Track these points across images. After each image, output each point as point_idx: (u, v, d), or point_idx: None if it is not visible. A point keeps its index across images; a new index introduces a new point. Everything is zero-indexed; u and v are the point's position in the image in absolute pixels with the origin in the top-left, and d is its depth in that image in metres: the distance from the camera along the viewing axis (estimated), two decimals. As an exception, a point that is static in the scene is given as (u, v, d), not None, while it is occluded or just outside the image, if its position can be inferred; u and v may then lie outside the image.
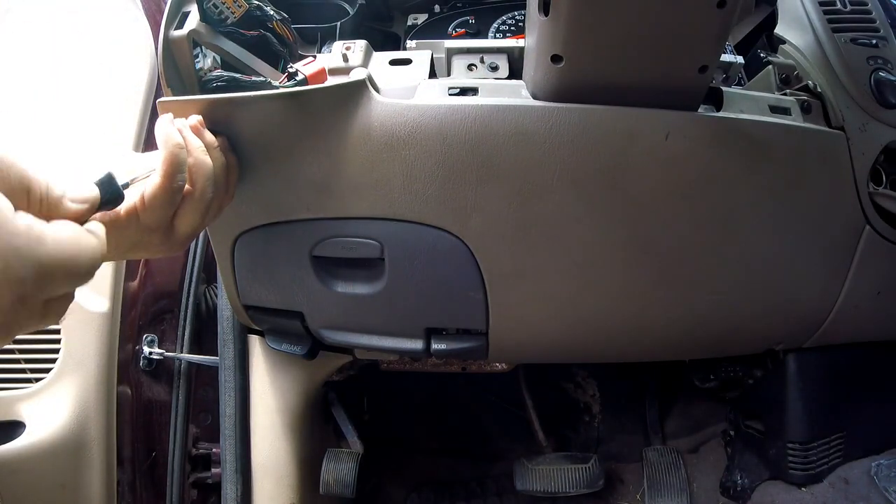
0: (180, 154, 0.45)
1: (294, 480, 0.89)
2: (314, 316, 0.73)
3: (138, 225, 0.45)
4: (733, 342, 0.84)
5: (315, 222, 0.65)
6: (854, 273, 0.76)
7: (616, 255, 0.67)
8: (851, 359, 0.93)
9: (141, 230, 0.46)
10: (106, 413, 0.80)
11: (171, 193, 0.45)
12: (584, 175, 0.61)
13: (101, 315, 0.80)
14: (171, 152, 0.45)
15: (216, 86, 0.59)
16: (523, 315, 0.71)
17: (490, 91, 0.62)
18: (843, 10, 0.76)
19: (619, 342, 0.78)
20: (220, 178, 0.51)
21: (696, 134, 0.62)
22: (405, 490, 1.20)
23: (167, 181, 0.45)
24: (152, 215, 0.45)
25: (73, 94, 0.85)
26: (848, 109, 0.71)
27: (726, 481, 1.08)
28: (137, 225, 0.45)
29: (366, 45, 0.66)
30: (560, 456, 1.06)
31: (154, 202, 0.45)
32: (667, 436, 1.23)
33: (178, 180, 0.45)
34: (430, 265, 0.66)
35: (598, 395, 1.30)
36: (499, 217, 0.63)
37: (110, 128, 0.84)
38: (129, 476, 0.84)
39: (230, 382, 0.84)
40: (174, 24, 0.59)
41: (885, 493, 0.90)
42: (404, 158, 0.59)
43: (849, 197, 0.71)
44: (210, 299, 0.96)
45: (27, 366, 0.78)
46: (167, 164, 0.45)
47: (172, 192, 0.45)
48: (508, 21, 0.81)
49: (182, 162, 0.45)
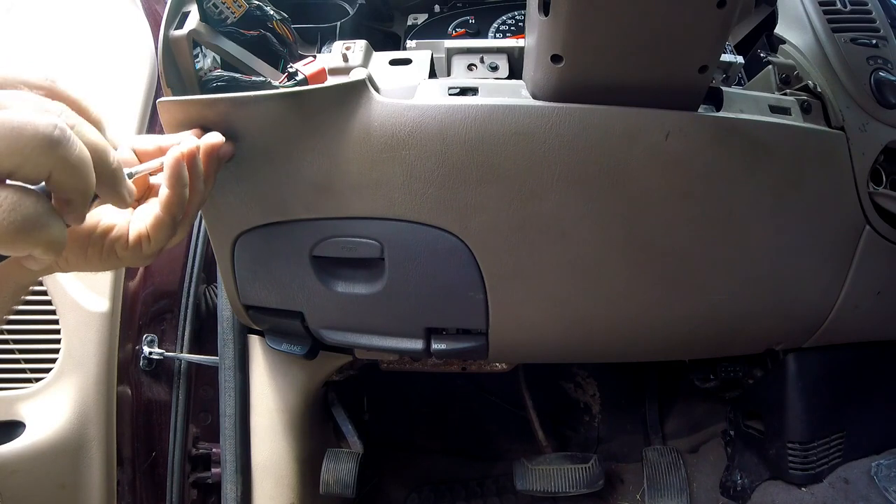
0: (184, 194, 0.46)
1: (294, 480, 0.89)
2: (314, 316, 0.73)
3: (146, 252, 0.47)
4: (733, 342, 0.84)
5: (315, 222, 0.65)
6: (854, 273, 0.76)
7: (616, 255, 0.67)
8: (851, 359, 0.93)
9: (145, 256, 0.47)
10: (106, 413, 0.80)
11: (173, 224, 0.46)
12: (584, 175, 0.61)
13: (101, 315, 0.80)
14: (179, 194, 0.45)
15: (216, 86, 0.59)
16: (523, 315, 0.71)
17: (490, 91, 0.62)
18: (843, 10, 0.76)
19: (619, 342, 0.78)
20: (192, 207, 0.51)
21: (696, 134, 0.62)
22: (405, 490, 1.20)
23: (168, 215, 0.46)
24: (156, 242, 0.46)
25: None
26: (848, 109, 0.71)
27: (726, 481, 1.08)
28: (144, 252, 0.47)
29: (366, 45, 0.66)
30: (560, 456, 1.06)
31: (157, 234, 0.46)
32: (667, 436, 1.23)
33: (179, 215, 0.46)
34: (430, 265, 0.66)
35: (598, 395, 1.30)
36: (499, 217, 0.63)
37: (110, 128, 0.84)
38: (129, 476, 0.84)
39: (230, 382, 0.84)
40: (174, 24, 0.59)
41: (885, 493, 0.90)
42: (404, 158, 0.59)
43: (849, 197, 0.71)
44: (210, 299, 0.96)
45: (27, 366, 0.78)
46: (170, 204, 0.45)
47: (174, 224, 0.46)
48: (508, 21, 0.81)
49: (184, 201, 0.46)
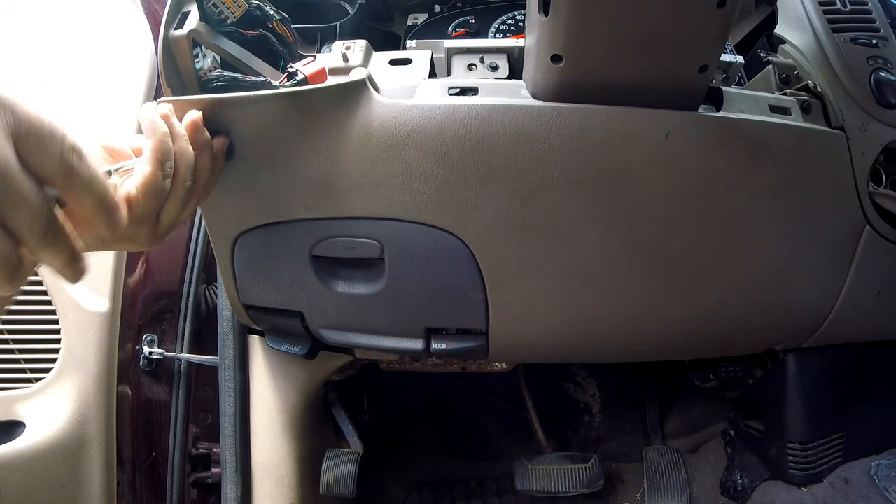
0: (167, 141, 0.46)
1: (294, 480, 0.89)
2: (314, 316, 0.73)
3: (130, 217, 0.45)
4: (733, 342, 0.84)
5: (315, 222, 0.65)
6: (854, 273, 0.76)
7: (616, 255, 0.67)
8: (851, 359, 0.93)
9: (132, 222, 0.46)
10: (106, 413, 0.80)
11: (161, 180, 0.46)
12: (584, 175, 0.61)
13: (101, 315, 0.79)
14: (159, 139, 0.45)
15: (216, 86, 0.59)
16: (523, 315, 0.71)
17: (490, 91, 0.62)
18: (843, 10, 0.76)
19: (619, 342, 0.78)
20: (202, 170, 0.51)
21: (696, 134, 0.62)
22: (405, 490, 1.20)
23: (157, 168, 0.45)
24: (146, 203, 0.45)
25: (72, 94, 0.85)
26: (848, 109, 0.71)
27: (726, 481, 1.08)
28: (130, 217, 0.45)
29: (366, 45, 0.66)
30: (560, 456, 1.06)
31: (146, 190, 0.45)
32: (667, 436, 1.23)
33: (166, 167, 0.46)
34: (430, 265, 0.66)
35: (598, 395, 1.30)
36: (499, 217, 0.63)
37: (110, 128, 0.84)
38: (129, 476, 0.84)
39: (230, 382, 0.84)
40: (174, 24, 0.59)
41: (885, 493, 0.90)
42: (404, 158, 0.59)
43: (849, 197, 0.71)
44: (210, 299, 0.96)
45: (27, 366, 0.78)
46: (155, 151, 0.45)
47: (162, 179, 0.46)
48: (508, 21, 0.81)
49: (169, 150, 0.46)
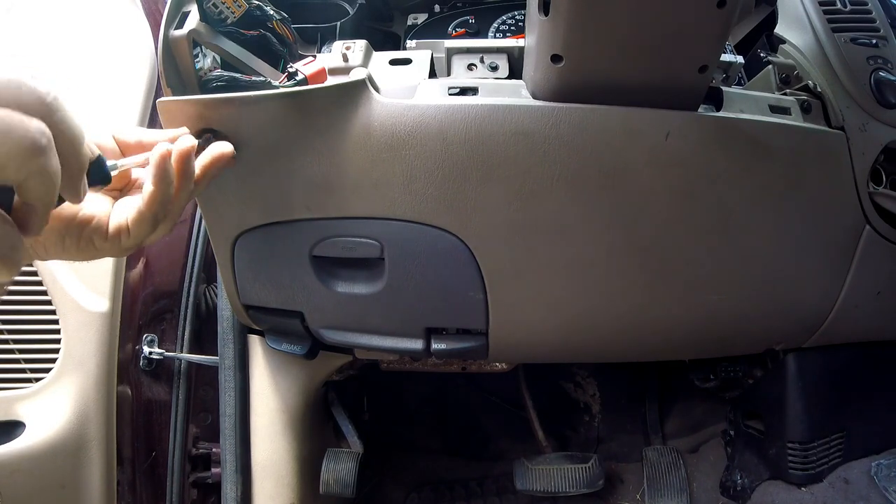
0: (169, 192, 0.46)
1: (294, 480, 0.89)
2: (314, 316, 0.73)
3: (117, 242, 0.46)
4: (733, 342, 0.84)
5: (315, 222, 0.65)
6: (854, 273, 0.76)
7: (616, 255, 0.67)
8: (851, 359, 0.93)
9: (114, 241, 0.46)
10: (106, 413, 0.80)
11: (155, 222, 0.46)
12: (584, 175, 0.61)
13: (101, 315, 0.79)
14: (164, 191, 0.45)
15: (216, 86, 0.59)
16: (523, 315, 0.71)
17: (490, 91, 0.62)
18: (843, 9, 0.76)
19: (619, 342, 0.78)
20: (179, 203, 0.50)
21: (696, 134, 0.62)
22: (405, 490, 1.20)
23: (153, 211, 0.45)
24: (135, 234, 0.46)
25: (72, 94, 0.85)
26: (848, 109, 0.71)
27: (726, 481, 1.08)
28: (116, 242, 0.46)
29: (366, 45, 0.66)
30: (560, 456, 1.06)
31: (138, 227, 0.45)
32: (667, 436, 1.23)
33: (159, 215, 0.46)
34: (430, 265, 0.66)
35: (598, 395, 1.30)
36: (499, 217, 0.63)
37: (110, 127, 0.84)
38: (129, 476, 0.84)
39: (230, 382, 0.84)
40: (174, 24, 0.59)
41: (885, 493, 0.90)
42: (404, 158, 0.59)
43: (849, 197, 0.71)
44: (210, 299, 0.96)
45: (27, 366, 0.78)
46: (154, 199, 0.45)
47: (162, 208, 0.46)
48: (508, 21, 0.81)
49: (169, 199, 0.46)
